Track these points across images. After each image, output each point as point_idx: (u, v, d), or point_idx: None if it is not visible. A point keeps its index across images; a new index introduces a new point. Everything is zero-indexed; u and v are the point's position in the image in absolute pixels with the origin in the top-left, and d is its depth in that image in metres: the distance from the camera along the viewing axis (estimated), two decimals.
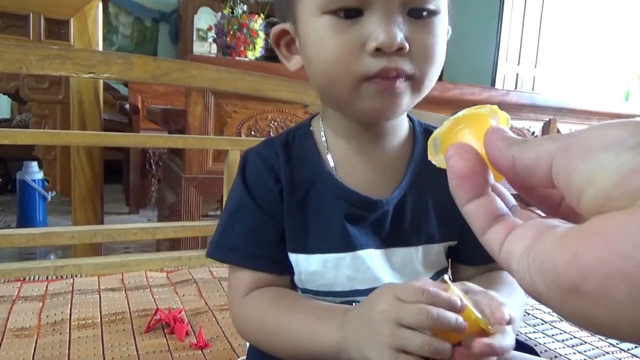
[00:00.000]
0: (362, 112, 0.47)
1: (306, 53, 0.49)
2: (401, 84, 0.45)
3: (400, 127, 0.54)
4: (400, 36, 0.43)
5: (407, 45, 0.43)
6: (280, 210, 0.51)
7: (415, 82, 0.46)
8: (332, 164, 0.52)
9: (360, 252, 0.50)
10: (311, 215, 0.51)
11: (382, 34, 0.42)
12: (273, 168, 0.52)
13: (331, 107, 0.52)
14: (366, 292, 0.49)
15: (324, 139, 0.54)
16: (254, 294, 0.51)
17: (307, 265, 0.51)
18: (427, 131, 0.56)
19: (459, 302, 0.37)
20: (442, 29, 0.47)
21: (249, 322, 0.51)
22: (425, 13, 0.45)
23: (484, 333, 0.37)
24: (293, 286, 0.54)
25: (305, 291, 0.53)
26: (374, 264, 0.51)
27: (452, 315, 0.36)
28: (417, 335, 0.37)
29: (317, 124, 0.55)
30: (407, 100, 0.47)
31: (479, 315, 0.37)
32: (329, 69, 0.46)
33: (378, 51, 0.43)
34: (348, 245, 0.50)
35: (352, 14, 0.43)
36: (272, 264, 0.52)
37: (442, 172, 0.53)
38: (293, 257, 0.51)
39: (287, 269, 0.53)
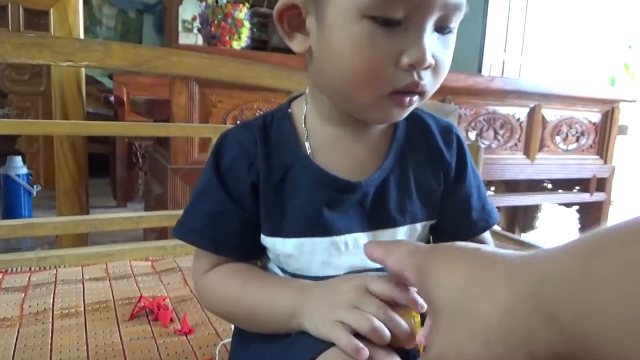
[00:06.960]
0: (369, 118, 0.49)
1: (328, 51, 0.46)
2: (414, 100, 0.46)
3: None
4: (430, 53, 0.43)
5: (433, 62, 0.44)
6: (249, 200, 0.51)
7: (423, 97, 0.47)
8: (308, 147, 0.52)
9: (338, 238, 0.50)
10: (288, 198, 0.51)
11: (418, 50, 0.42)
12: (248, 154, 0.51)
13: (332, 101, 0.51)
14: None
15: (304, 121, 0.53)
16: (219, 267, 0.52)
17: (283, 248, 0.50)
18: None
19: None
20: (453, 44, 0.48)
21: (213, 291, 0.52)
22: (447, 30, 0.45)
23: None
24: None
25: (284, 272, 0.53)
26: (355, 249, 0.50)
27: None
28: (365, 317, 0.40)
29: (299, 106, 0.54)
30: None
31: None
32: (355, 77, 0.44)
33: (410, 66, 0.43)
34: (325, 230, 0.50)
35: (392, 23, 0.42)
36: (234, 251, 0.52)
37: (423, 151, 0.55)
38: (270, 240, 0.51)
39: (252, 256, 0.53)
